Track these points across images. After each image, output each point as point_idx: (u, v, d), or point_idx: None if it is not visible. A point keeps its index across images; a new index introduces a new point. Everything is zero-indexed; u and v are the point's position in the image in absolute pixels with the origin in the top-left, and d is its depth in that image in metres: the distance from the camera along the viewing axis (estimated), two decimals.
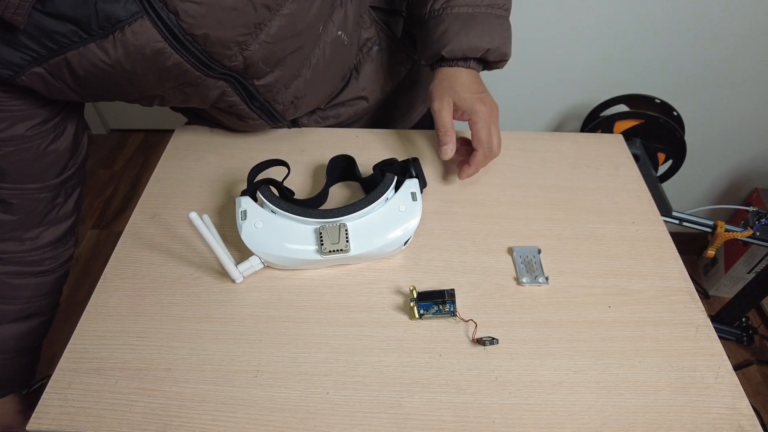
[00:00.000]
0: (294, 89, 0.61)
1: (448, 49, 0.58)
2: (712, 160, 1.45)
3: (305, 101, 0.65)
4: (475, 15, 0.59)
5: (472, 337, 0.50)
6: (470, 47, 0.58)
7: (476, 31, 0.58)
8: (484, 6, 0.59)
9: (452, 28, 0.58)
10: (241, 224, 0.54)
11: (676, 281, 0.55)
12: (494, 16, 0.60)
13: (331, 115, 0.72)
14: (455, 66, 0.60)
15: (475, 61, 0.61)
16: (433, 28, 0.60)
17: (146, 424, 0.44)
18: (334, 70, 0.65)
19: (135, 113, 2.16)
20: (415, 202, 0.55)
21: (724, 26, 1.15)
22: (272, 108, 0.63)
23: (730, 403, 0.45)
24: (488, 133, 0.57)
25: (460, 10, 0.59)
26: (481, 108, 0.57)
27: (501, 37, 0.60)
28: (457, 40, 0.58)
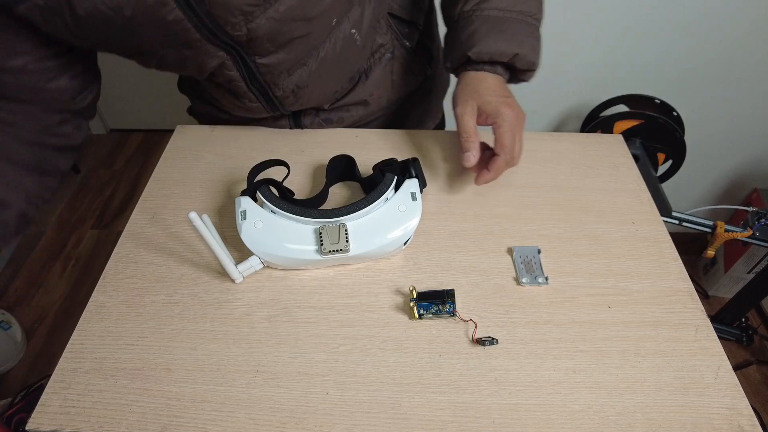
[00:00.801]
0: (297, 77, 0.60)
1: (475, 51, 0.57)
2: (711, 161, 1.45)
3: (307, 93, 0.64)
4: (505, 19, 0.57)
5: (471, 337, 0.50)
6: (498, 51, 0.57)
7: (505, 35, 0.57)
8: (515, 11, 0.58)
9: (481, 30, 0.57)
10: (241, 224, 0.54)
11: (676, 281, 0.55)
12: (524, 23, 0.58)
13: (335, 119, 0.71)
14: (481, 70, 0.59)
15: (502, 67, 0.59)
16: (462, 30, 0.59)
17: (146, 424, 0.44)
18: (342, 68, 0.64)
19: (135, 113, 2.16)
20: (415, 202, 0.55)
21: (724, 26, 1.15)
22: (272, 92, 0.62)
23: (730, 403, 0.45)
24: (512, 138, 0.56)
25: (491, 13, 0.57)
26: (508, 111, 0.56)
27: (530, 45, 0.58)
28: (485, 42, 0.57)
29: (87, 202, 1.92)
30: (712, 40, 1.17)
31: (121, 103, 2.12)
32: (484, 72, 0.59)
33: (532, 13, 0.59)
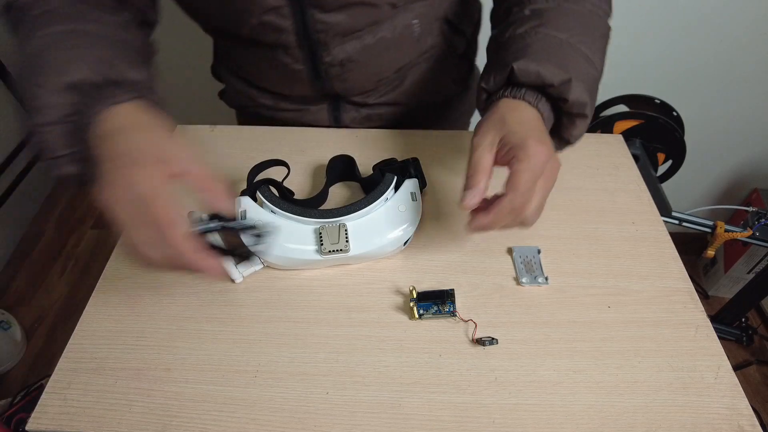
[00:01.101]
0: (350, 48, 0.59)
1: (521, 63, 0.46)
2: (711, 161, 1.45)
3: (355, 70, 0.62)
4: (565, 44, 0.48)
5: (471, 337, 0.50)
6: (548, 71, 0.46)
7: (560, 59, 0.47)
8: (577, 42, 0.49)
9: (534, 45, 0.48)
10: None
11: (676, 281, 0.55)
12: (586, 60, 0.49)
13: (375, 117, 0.70)
14: (520, 98, 0.48)
15: (546, 100, 0.48)
16: (511, 46, 0.50)
17: (146, 424, 0.44)
18: (393, 55, 0.63)
19: None
20: (415, 202, 0.55)
21: (724, 27, 1.15)
22: (320, 56, 0.59)
23: (730, 404, 0.45)
24: (531, 182, 0.42)
25: (549, 33, 0.49)
26: (536, 147, 0.43)
27: (586, 80, 0.48)
28: (536, 57, 0.47)
29: (87, 202, 1.91)
30: (712, 40, 1.17)
31: None
32: (524, 102, 0.48)
33: (595, 60, 0.50)
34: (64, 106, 0.42)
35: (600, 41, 0.52)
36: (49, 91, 0.41)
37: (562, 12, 0.51)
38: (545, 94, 0.48)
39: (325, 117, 0.71)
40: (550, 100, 0.49)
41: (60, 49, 0.44)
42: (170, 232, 0.37)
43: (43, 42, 0.45)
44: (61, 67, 0.42)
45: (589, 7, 0.52)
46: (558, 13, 0.51)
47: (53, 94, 0.41)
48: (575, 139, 0.51)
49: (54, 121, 0.41)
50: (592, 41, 0.50)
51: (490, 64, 0.52)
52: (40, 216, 1.86)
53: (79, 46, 0.45)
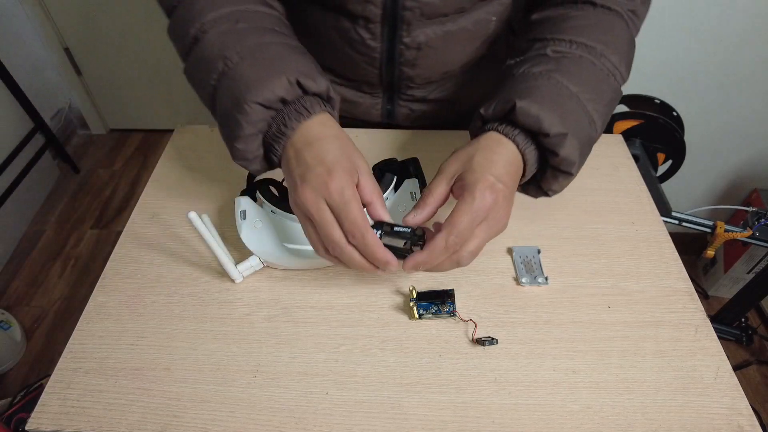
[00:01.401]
0: (431, 31, 0.59)
1: (525, 103, 0.45)
2: (711, 161, 1.45)
3: (428, 56, 0.62)
4: (573, 99, 0.47)
5: (471, 337, 0.50)
6: (549, 119, 0.45)
7: (565, 113, 0.46)
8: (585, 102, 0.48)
9: (543, 89, 0.47)
10: (241, 224, 0.54)
11: (676, 281, 0.55)
12: (588, 120, 0.48)
13: (428, 114, 0.70)
14: (511, 138, 0.46)
15: (535, 148, 0.47)
16: (521, 81, 0.49)
17: (145, 423, 0.44)
18: (466, 47, 0.63)
19: (135, 113, 2.16)
20: (415, 202, 0.55)
21: (724, 27, 1.15)
22: (400, 35, 0.58)
23: (730, 404, 0.45)
24: (469, 223, 0.42)
25: (561, 83, 0.47)
26: (483, 192, 0.43)
27: (581, 140, 0.47)
28: (542, 103, 0.45)
29: (86, 202, 1.92)
30: (712, 40, 1.17)
31: (121, 103, 2.12)
32: (511, 143, 0.47)
33: (597, 122, 0.49)
34: (262, 121, 0.46)
35: (608, 105, 0.50)
36: (248, 108, 0.45)
37: (581, 64, 0.49)
38: (537, 141, 0.47)
39: (378, 112, 0.71)
40: (540, 149, 0.47)
41: (254, 63, 0.46)
42: (368, 232, 0.42)
43: (222, 40, 0.48)
44: (257, 85, 0.45)
45: (609, 67, 0.50)
46: (577, 64, 0.49)
47: (253, 112, 0.45)
48: (553, 193, 0.51)
49: (251, 133, 0.46)
50: (600, 103, 0.49)
51: (495, 93, 0.50)
52: (40, 216, 1.86)
53: (265, 55, 0.47)
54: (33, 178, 1.82)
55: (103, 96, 2.10)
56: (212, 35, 0.49)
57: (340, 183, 0.42)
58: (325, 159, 0.43)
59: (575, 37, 0.50)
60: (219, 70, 0.47)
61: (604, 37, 0.51)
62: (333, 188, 0.42)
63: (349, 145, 0.46)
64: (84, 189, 1.97)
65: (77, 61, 1.98)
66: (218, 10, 0.50)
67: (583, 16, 0.52)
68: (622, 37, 0.52)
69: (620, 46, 0.51)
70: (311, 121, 0.46)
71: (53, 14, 1.83)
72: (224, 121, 0.48)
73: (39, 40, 1.89)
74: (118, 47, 1.91)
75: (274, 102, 0.45)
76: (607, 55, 0.50)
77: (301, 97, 0.46)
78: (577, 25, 0.51)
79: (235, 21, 0.50)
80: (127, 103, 2.12)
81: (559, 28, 0.52)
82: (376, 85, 0.67)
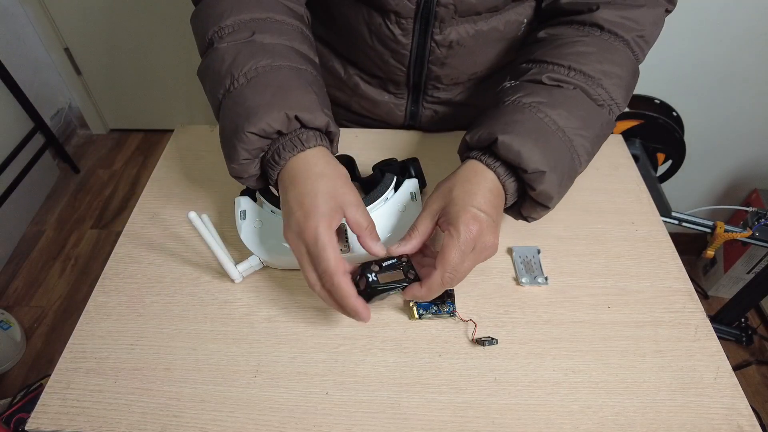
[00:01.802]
0: (462, 30, 0.59)
1: (506, 138, 0.46)
2: (711, 161, 1.45)
3: (458, 55, 0.62)
4: (555, 137, 0.47)
5: (471, 337, 0.50)
6: (530, 156, 0.45)
7: (547, 149, 0.46)
8: (569, 140, 0.48)
9: (527, 125, 0.47)
10: (241, 224, 0.54)
11: (676, 281, 0.55)
12: (571, 157, 0.48)
13: (450, 117, 0.70)
14: (493, 169, 0.47)
15: (515, 181, 0.48)
16: (507, 113, 0.49)
17: (145, 423, 0.44)
18: (495, 49, 0.63)
19: (135, 113, 2.16)
20: (415, 202, 0.55)
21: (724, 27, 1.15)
22: (432, 32, 0.58)
23: (729, 404, 0.45)
24: (459, 257, 0.44)
25: (547, 120, 0.47)
26: (466, 225, 0.44)
27: (562, 177, 0.47)
28: (523, 139, 0.46)
29: (86, 201, 1.91)
30: (711, 40, 1.17)
31: (121, 103, 2.12)
32: (493, 174, 0.47)
33: (582, 156, 0.49)
34: (258, 149, 0.47)
35: (597, 137, 0.50)
36: (244, 137, 0.46)
37: (573, 97, 0.49)
38: (517, 174, 0.48)
39: (402, 113, 0.70)
40: (519, 182, 0.48)
41: (257, 90, 0.47)
42: (336, 277, 0.43)
43: (234, 55, 0.49)
44: (256, 114, 0.46)
45: (605, 98, 0.50)
46: (569, 97, 0.49)
47: (249, 141, 0.46)
48: (533, 220, 0.52)
49: (247, 158, 0.47)
50: (590, 135, 0.49)
51: (483, 119, 0.50)
52: (40, 216, 1.86)
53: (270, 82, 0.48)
54: (33, 178, 1.82)
55: (103, 96, 2.10)
56: (226, 45, 0.50)
57: (314, 229, 0.43)
58: (303, 202, 0.44)
59: (575, 64, 0.50)
60: (225, 86, 0.48)
61: (604, 67, 0.50)
62: (307, 234, 0.43)
63: (334, 182, 0.46)
64: (84, 189, 1.97)
65: (77, 61, 1.98)
66: (239, 15, 0.51)
67: (587, 42, 0.52)
68: (624, 66, 0.51)
69: (620, 77, 0.51)
70: (304, 154, 0.47)
71: (53, 14, 1.83)
72: (223, 140, 0.49)
73: (39, 40, 1.89)
74: (118, 47, 1.91)
75: (271, 133, 0.46)
76: (605, 86, 0.50)
77: (298, 129, 0.47)
78: (580, 51, 0.51)
79: (251, 32, 0.50)
80: (127, 103, 2.12)
81: (561, 53, 0.51)
82: (402, 84, 0.67)
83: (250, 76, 0.48)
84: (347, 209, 0.45)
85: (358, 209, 0.46)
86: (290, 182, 0.46)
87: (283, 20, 0.53)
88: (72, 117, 2.16)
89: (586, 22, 0.53)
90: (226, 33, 0.50)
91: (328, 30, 0.66)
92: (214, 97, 0.50)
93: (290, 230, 0.45)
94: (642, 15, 0.52)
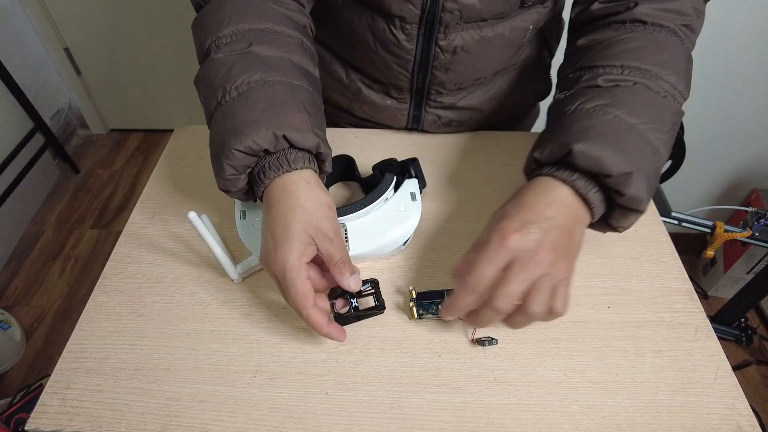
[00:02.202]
0: (468, 36, 0.59)
1: (582, 146, 0.42)
2: (711, 161, 1.45)
3: (462, 61, 0.61)
4: (633, 132, 0.44)
5: (471, 337, 0.50)
6: (610, 160, 0.42)
7: (626, 149, 0.43)
8: (645, 131, 0.45)
9: (600, 128, 0.44)
10: (240, 224, 0.54)
11: (675, 282, 0.55)
12: (652, 150, 0.45)
13: (455, 122, 0.70)
14: (569, 183, 0.44)
15: (599, 190, 0.44)
16: (575, 122, 0.45)
17: (145, 423, 0.44)
18: (500, 55, 0.63)
19: (134, 113, 2.16)
20: (415, 202, 0.55)
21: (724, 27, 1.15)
22: (436, 38, 0.58)
23: (729, 404, 0.45)
24: (485, 265, 0.41)
25: (618, 118, 0.44)
26: (501, 240, 0.41)
27: (648, 175, 0.43)
28: (600, 143, 0.42)
29: (86, 201, 1.92)
30: (711, 40, 1.17)
31: (121, 102, 2.12)
32: (568, 189, 0.44)
33: (662, 151, 0.46)
34: (244, 165, 0.46)
35: (671, 130, 0.47)
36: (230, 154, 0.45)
37: (636, 92, 0.46)
38: (600, 182, 0.44)
39: (404, 117, 0.70)
40: (604, 190, 0.44)
41: (247, 105, 0.46)
42: (305, 311, 0.43)
43: (228, 66, 0.48)
44: (244, 131, 0.45)
45: (667, 88, 0.47)
46: (632, 92, 0.46)
47: (235, 158, 0.45)
48: (623, 229, 0.48)
49: (233, 174, 0.47)
50: (663, 128, 0.46)
51: (549, 134, 0.47)
52: (40, 216, 1.86)
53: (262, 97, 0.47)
54: (33, 177, 1.82)
55: (103, 96, 2.10)
56: (222, 56, 0.49)
57: (282, 263, 0.43)
58: (275, 232, 0.44)
59: (627, 62, 0.47)
60: (217, 99, 0.48)
61: (657, 58, 0.48)
62: (275, 266, 0.43)
63: (311, 214, 0.44)
64: (84, 189, 1.97)
65: (77, 61, 1.98)
66: (237, 24, 0.50)
67: (634, 37, 0.49)
68: (677, 55, 0.49)
69: (677, 64, 0.48)
70: (288, 176, 0.46)
71: (53, 14, 1.83)
72: (212, 154, 0.48)
73: (39, 40, 1.89)
74: (118, 47, 1.91)
75: (257, 151, 0.45)
76: (664, 76, 0.47)
77: (286, 149, 0.46)
78: (628, 48, 0.49)
79: (248, 43, 0.49)
80: (127, 103, 2.12)
81: (609, 54, 0.49)
82: (405, 90, 0.67)
83: (242, 90, 0.47)
84: (320, 241, 0.44)
85: (332, 242, 0.45)
86: (268, 207, 0.46)
87: (282, 31, 0.52)
88: (72, 117, 2.16)
89: (627, 20, 0.51)
90: (224, 43, 0.50)
91: (330, 34, 0.66)
92: (207, 108, 0.49)
93: (262, 255, 0.46)
94: (681, 5, 0.51)
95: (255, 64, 0.48)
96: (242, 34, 0.50)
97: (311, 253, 0.44)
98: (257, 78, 0.47)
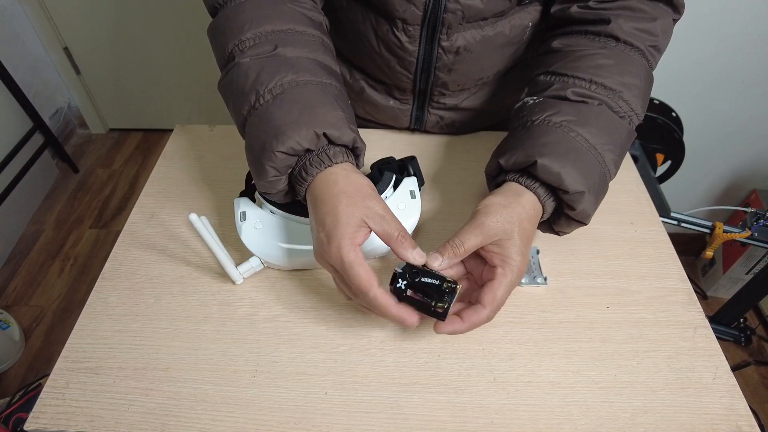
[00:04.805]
0: (470, 36, 0.59)
1: (546, 161, 0.45)
2: (710, 161, 1.45)
3: (465, 62, 0.62)
4: (590, 154, 0.48)
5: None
6: (570, 178, 0.45)
7: (584, 169, 0.47)
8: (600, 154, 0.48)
9: (562, 145, 0.47)
10: (241, 225, 0.54)
11: (675, 282, 0.55)
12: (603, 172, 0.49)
13: (457, 123, 0.70)
14: (533, 190, 0.47)
15: (554, 201, 0.48)
16: (540, 135, 0.48)
17: (144, 423, 0.44)
18: (501, 54, 0.63)
19: (134, 113, 2.16)
20: (414, 200, 0.56)
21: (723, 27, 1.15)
22: (440, 38, 0.58)
23: (728, 404, 0.45)
24: (508, 294, 0.45)
25: (579, 138, 0.48)
26: (519, 262, 0.44)
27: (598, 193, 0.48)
28: (562, 161, 0.46)
29: (86, 201, 1.91)
30: (711, 40, 1.18)
31: (120, 102, 2.11)
32: (533, 196, 0.47)
33: (612, 171, 0.50)
34: (286, 166, 0.47)
35: (622, 150, 0.51)
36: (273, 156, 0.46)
37: (600, 113, 0.50)
38: (555, 193, 0.48)
39: (407, 118, 0.70)
40: (557, 201, 0.48)
41: (284, 107, 0.47)
42: (371, 291, 0.42)
43: (258, 70, 0.48)
44: (285, 132, 0.45)
45: (626, 110, 0.51)
46: (597, 113, 0.49)
47: (278, 159, 0.46)
48: (564, 234, 0.52)
49: (275, 176, 0.47)
50: (616, 151, 0.50)
51: (514, 140, 0.50)
52: (39, 215, 1.86)
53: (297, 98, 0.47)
54: (32, 177, 1.81)
55: (102, 96, 2.10)
56: (249, 60, 0.49)
57: (337, 251, 0.42)
58: (325, 222, 0.44)
59: (596, 78, 0.50)
60: (251, 103, 0.48)
61: (624, 79, 0.51)
62: (331, 256, 0.43)
63: (355, 198, 0.45)
64: (83, 188, 1.97)
65: (76, 61, 1.97)
66: (259, 27, 0.50)
67: (605, 54, 0.52)
68: (641, 77, 0.52)
69: (639, 88, 0.51)
70: (329, 170, 0.46)
71: (53, 14, 1.83)
72: (251, 158, 0.48)
73: (39, 40, 1.89)
74: (117, 47, 1.91)
75: (300, 151, 0.46)
76: (626, 98, 0.50)
77: (326, 146, 0.47)
78: (600, 64, 0.51)
79: (274, 45, 0.50)
80: (127, 103, 2.11)
81: (581, 66, 0.51)
82: (408, 90, 0.67)
83: (276, 93, 0.47)
84: (371, 221, 0.44)
85: (383, 219, 0.44)
86: (313, 202, 0.46)
87: (304, 31, 0.52)
88: (71, 116, 2.16)
89: (602, 33, 0.53)
90: (248, 47, 0.50)
91: (335, 35, 0.66)
92: (239, 113, 0.49)
93: (316, 252, 0.46)
94: (653, 27, 0.53)
95: (284, 66, 0.48)
96: (265, 37, 0.50)
97: (364, 235, 0.44)
98: (289, 80, 0.48)
